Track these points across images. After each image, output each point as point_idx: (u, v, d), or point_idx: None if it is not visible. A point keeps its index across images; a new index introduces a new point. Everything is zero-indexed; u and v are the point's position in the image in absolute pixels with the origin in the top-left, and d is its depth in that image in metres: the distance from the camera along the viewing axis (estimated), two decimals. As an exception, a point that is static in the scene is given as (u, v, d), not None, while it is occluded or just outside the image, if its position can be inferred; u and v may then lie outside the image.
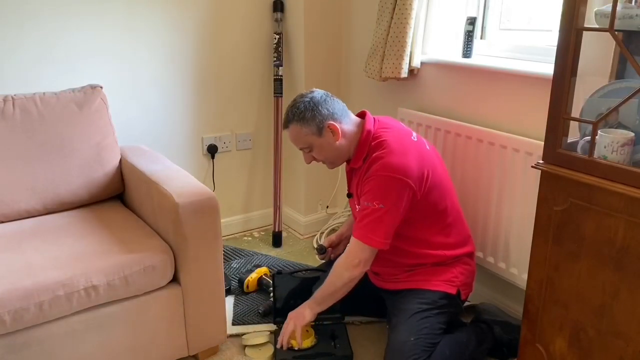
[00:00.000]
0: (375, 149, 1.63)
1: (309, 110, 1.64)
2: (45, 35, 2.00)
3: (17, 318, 1.37)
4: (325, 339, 1.81)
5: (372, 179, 1.58)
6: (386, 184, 1.56)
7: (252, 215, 2.76)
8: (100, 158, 1.93)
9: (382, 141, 1.63)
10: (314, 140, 1.67)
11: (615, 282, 1.24)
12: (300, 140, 1.68)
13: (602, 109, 1.30)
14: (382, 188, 1.56)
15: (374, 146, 1.64)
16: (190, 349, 1.72)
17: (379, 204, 1.56)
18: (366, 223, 1.58)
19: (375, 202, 1.56)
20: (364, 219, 1.59)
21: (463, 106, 2.02)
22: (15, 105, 1.82)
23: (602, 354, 1.31)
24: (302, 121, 1.65)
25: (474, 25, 2.01)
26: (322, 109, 1.64)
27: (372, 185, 1.58)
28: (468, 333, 1.74)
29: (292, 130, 1.67)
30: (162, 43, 2.27)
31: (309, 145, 1.68)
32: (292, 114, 1.66)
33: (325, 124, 1.64)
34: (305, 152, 1.72)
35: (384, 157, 1.58)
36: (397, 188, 1.56)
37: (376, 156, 1.60)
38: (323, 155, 1.71)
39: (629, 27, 1.21)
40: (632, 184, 1.18)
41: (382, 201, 1.56)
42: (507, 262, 1.87)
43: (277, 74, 2.49)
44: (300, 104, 1.66)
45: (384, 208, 1.56)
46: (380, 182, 1.57)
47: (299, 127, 1.65)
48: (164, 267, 1.59)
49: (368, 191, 1.58)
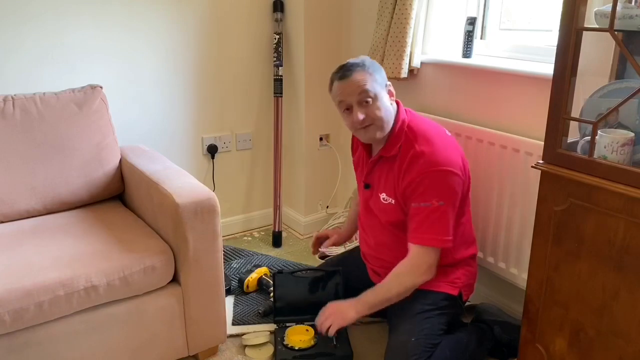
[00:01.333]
0: (413, 140, 1.58)
1: (372, 63, 1.58)
2: (46, 35, 2.00)
3: (17, 318, 1.37)
4: (325, 339, 1.81)
5: (428, 177, 1.52)
6: (440, 179, 1.52)
7: (252, 215, 2.76)
8: (100, 158, 1.93)
9: (419, 133, 1.58)
10: (380, 91, 1.56)
11: (615, 282, 1.24)
12: (367, 87, 1.54)
13: (602, 109, 1.30)
14: (436, 184, 1.52)
15: (410, 137, 1.59)
16: (190, 349, 1.72)
17: (438, 201, 1.51)
18: (430, 225, 1.53)
19: (434, 201, 1.51)
20: (425, 221, 1.53)
21: (463, 106, 2.02)
22: (15, 105, 1.82)
23: (602, 353, 1.31)
24: (373, 69, 1.57)
25: (474, 25, 2.01)
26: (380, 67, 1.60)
27: (426, 185, 1.52)
28: (468, 333, 1.74)
29: (358, 75, 1.54)
30: (162, 43, 2.27)
31: (375, 95, 1.55)
32: (360, 62, 1.57)
33: (385, 82, 1.60)
34: (361, 105, 1.56)
35: (429, 152, 1.53)
36: (454, 182, 1.53)
37: (419, 151, 1.55)
38: (380, 113, 1.56)
39: (629, 27, 1.21)
40: (632, 184, 1.18)
41: (440, 198, 1.51)
42: (507, 262, 1.87)
43: (277, 74, 2.49)
44: (365, 59, 1.60)
45: (443, 205, 1.52)
46: (433, 178, 1.52)
47: (369, 74, 1.55)
48: (164, 267, 1.59)
49: (423, 191, 1.53)
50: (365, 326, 1.97)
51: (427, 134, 1.59)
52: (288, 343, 1.77)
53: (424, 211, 1.54)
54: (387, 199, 1.66)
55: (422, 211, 1.54)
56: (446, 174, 1.52)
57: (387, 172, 1.64)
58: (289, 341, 1.77)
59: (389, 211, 1.66)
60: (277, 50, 2.47)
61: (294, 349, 1.75)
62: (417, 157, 1.55)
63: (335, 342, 1.79)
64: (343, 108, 1.61)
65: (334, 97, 1.63)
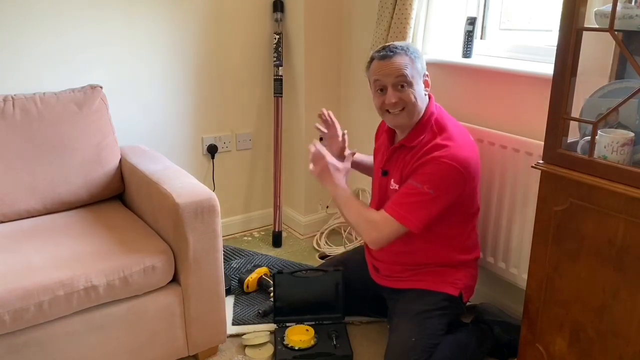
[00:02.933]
0: (437, 134, 1.58)
1: (414, 50, 1.59)
2: (46, 36, 2.00)
3: (17, 318, 1.37)
4: (325, 339, 1.81)
5: (433, 163, 1.52)
6: (446, 171, 1.51)
7: (252, 215, 2.76)
8: (100, 158, 1.93)
9: (445, 129, 1.59)
10: (417, 78, 1.58)
11: (615, 282, 1.24)
12: (406, 72, 1.55)
13: (602, 109, 1.30)
14: (439, 174, 1.51)
15: (435, 130, 1.59)
16: (190, 349, 1.72)
17: (430, 188, 1.51)
18: (407, 203, 1.53)
19: (426, 186, 1.51)
20: (405, 198, 1.54)
21: (463, 106, 2.02)
22: (15, 105, 1.82)
23: (602, 353, 1.31)
24: (415, 55, 1.58)
25: (474, 25, 2.01)
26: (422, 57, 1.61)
27: (430, 169, 1.52)
28: (468, 333, 1.74)
29: (399, 58, 1.56)
30: (162, 43, 2.27)
31: (411, 81, 1.56)
32: (405, 45, 1.59)
33: (424, 72, 1.61)
34: (396, 89, 1.57)
35: (452, 148, 1.53)
36: (454, 179, 1.52)
37: (441, 144, 1.54)
38: (413, 99, 1.57)
39: (628, 27, 1.21)
40: (632, 184, 1.18)
41: (433, 187, 1.51)
42: (507, 262, 1.87)
43: (277, 74, 2.49)
44: (409, 44, 1.62)
45: (433, 194, 1.51)
46: (441, 168, 1.51)
47: (410, 59, 1.57)
48: (164, 267, 1.59)
49: (422, 173, 1.53)
50: (365, 326, 1.97)
51: (454, 133, 1.59)
52: (288, 343, 1.77)
53: (411, 189, 1.53)
54: (394, 185, 1.66)
55: (410, 189, 1.54)
56: (453, 170, 1.51)
57: (405, 161, 1.64)
58: (289, 341, 1.78)
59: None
60: (277, 50, 2.47)
61: (294, 349, 1.75)
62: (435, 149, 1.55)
63: (335, 342, 1.79)
64: (377, 87, 1.62)
65: (370, 75, 1.64)
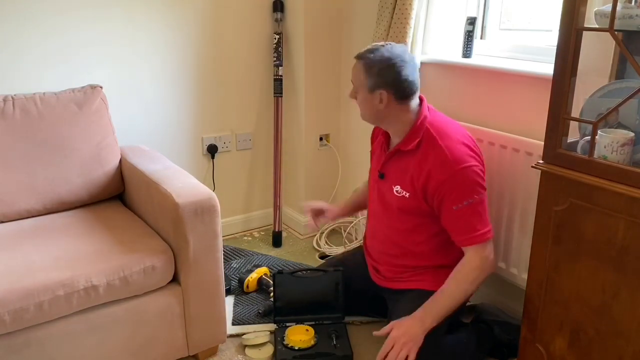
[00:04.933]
0: (433, 139, 1.58)
1: (379, 67, 1.56)
2: (46, 35, 2.00)
3: (17, 318, 1.37)
4: (325, 339, 1.81)
5: (456, 177, 1.52)
6: (463, 177, 1.52)
7: (252, 215, 2.76)
8: (100, 158, 1.93)
9: (440, 130, 1.59)
10: (363, 90, 1.60)
11: (615, 282, 1.24)
12: (355, 80, 1.63)
13: (602, 109, 1.30)
14: (462, 183, 1.52)
15: (429, 134, 1.59)
16: (190, 349, 1.72)
17: (472, 198, 1.52)
18: (471, 224, 1.54)
19: (469, 200, 1.52)
20: (467, 222, 1.54)
21: (463, 106, 2.02)
22: (15, 105, 1.82)
23: (602, 353, 1.31)
24: (369, 69, 1.57)
25: (474, 25, 2.01)
26: (390, 73, 1.56)
27: (451, 185, 1.53)
28: (468, 333, 1.74)
29: (357, 66, 1.61)
30: (162, 43, 2.27)
31: (357, 90, 1.63)
32: (369, 54, 1.58)
33: (380, 89, 1.57)
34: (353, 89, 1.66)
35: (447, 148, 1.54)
36: (473, 175, 1.53)
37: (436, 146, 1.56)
38: (361, 107, 1.65)
39: (628, 27, 1.21)
40: (632, 184, 1.18)
41: (473, 194, 1.52)
42: (507, 262, 1.87)
43: (277, 74, 2.49)
44: (382, 52, 1.57)
45: (478, 198, 1.53)
46: (458, 178, 1.52)
47: (363, 70, 1.58)
48: (164, 267, 1.59)
49: (450, 194, 1.53)
50: (365, 326, 1.97)
51: (449, 132, 1.59)
52: (288, 343, 1.77)
53: (462, 211, 1.53)
54: (401, 192, 1.65)
55: (461, 213, 1.54)
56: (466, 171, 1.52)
57: (404, 166, 1.64)
58: (289, 341, 1.78)
59: (402, 202, 1.66)
60: (277, 50, 2.47)
61: (294, 349, 1.75)
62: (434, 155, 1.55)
63: (335, 342, 1.79)
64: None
65: None
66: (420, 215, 1.64)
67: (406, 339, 1.51)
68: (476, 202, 1.53)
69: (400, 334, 1.52)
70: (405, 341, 1.50)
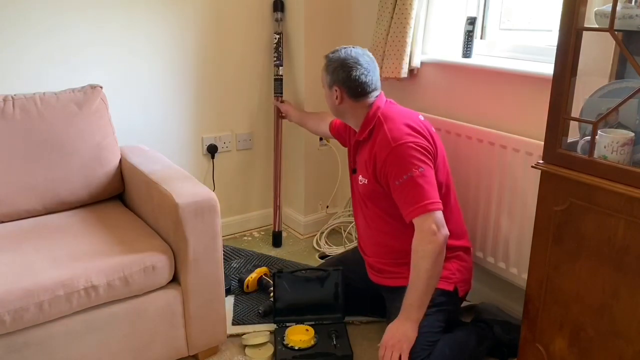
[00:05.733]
0: (381, 124, 1.67)
1: (334, 66, 1.72)
2: (46, 35, 2.00)
3: (17, 318, 1.37)
4: (325, 339, 1.81)
5: (393, 154, 1.60)
6: (399, 152, 1.59)
7: (252, 215, 2.76)
8: (100, 158, 1.93)
9: (387, 116, 1.68)
10: (325, 86, 1.79)
11: (615, 282, 1.24)
12: (321, 75, 1.81)
13: (602, 109, 1.30)
14: (399, 158, 1.59)
15: (379, 121, 1.69)
16: (190, 349, 1.72)
17: (407, 173, 1.57)
18: (412, 197, 1.57)
19: (408, 174, 1.57)
20: (407, 196, 1.58)
21: (463, 106, 2.02)
22: (15, 105, 1.82)
23: (602, 353, 1.31)
24: (327, 67, 1.76)
25: (474, 25, 2.01)
26: (342, 72, 1.70)
27: (391, 162, 1.60)
28: (468, 333, 1.74)
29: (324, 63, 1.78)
30: (162, 43, 2.27)
31: (323, 85, 1.81)
32: (330, 54, 1.77)
33: (334, 85, 1.73)
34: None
35: (389, 130, 1.63)
36: (409, 150, 1.59)
37: (381, 130, 1.65)
38: (326, 100, 1.82)
39: (629, 27, 1.21)
40: (632, 184, 1.18)
41: (408, 169, 1.57)
42: (507, 262, 1.87)
43: (277, 74, 2.49)
44: (340, 53, 1.74)
45: (419, 172, 1.57)
46: (396, 154, 1.59)
47: (323, 68, 1.77)
48: (164, 267, 1.59)
49: (391, 170, 1.60)
50: (365, 326, 1.97)
51: (393, 116, 1.69)
52: (288, 343, 1.77)
53: (403, 187, 1.59)
54: (362, 179, 1.74)
55: (402, 188, 1.59)
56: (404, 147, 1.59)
57: (362, 155, 1.76)
58: (289, 341, 1.78)
59: (364, 189, 1.75)
60: (277, 50, 2.47)
61: (294, 349, 1.75)
62: (379, 137, 1.65)
63: (335, 342, 1.79)
64: None
65: None
66: (382, 199, 1.70)
67: (394, 340, 1.54)
68: (415, 175, 1.57)
69: (388, 337, 1.56)
70: (393, 343, 1.54)
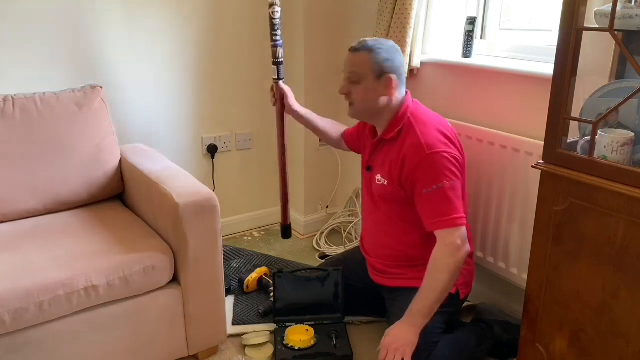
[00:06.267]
0: (411, 126, 1.61)
1: (391, 53, 1.61)
2: (46, 35, 2.00)
3: (17, 318, 1.37)
4: (325, 339, 1.81)
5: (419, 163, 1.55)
6: (433, 161, 1.54)
7: (252, 215, 2.76)
8: (100, 158, 1.93)
9: (418, 118, 1.62)
10: (368, 78, 1.61)
11: (615, 282, 1.24)
12: (358, 69, 1.61)
13: (602, 109, 1.30)
14: (432, 167, 1.54)
15: (409, 122, 1.62)
16: (190, 349, 1.73)
17: (438, 184, 1.53)
18: (440, 208, 1.54)
19: (435, 184, 1.53)
20: (435, 206, 1.55)
21: (463, 106, 2.02)
22: (15, 105, 1.82)
23: (602, 353, 1.31)
24: (377, 56, 1.59)
25: (474, 25, 2.01)
26: (397, 61, 1.62)
27: (422, 169, 1.55)
28: (468, 333, 1.74)
29: (359, 56, 1.61)
30: (162, 43, 2.27)
31: (360, 79, 1.61)
32: (372, 43, 1.61)
33: (389, 74, 1.61)
34: (348, 81, 1.65)
35: (422, 135, 1.57)
36: (443, 161, 1.54)
37: (412, 133, 1.59)
38: (361, 98, 1.63)
39: (628, 27, 1.21)
40: (632, 184, 1.18)
41: (439, 180, 1.53)
42: (507, 262, 1.87)
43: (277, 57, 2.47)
44: (386, 43, 1.63)
45: (448, 184, 1.53)
46: (429, 162, 1.54)
47: (369, 57, 1.59)
48: (164, 267, 1.59)
49: (420, 177, 1.55)
50: (365, 326, 1.97)
51: (425, 120, 1.63)
52: (288, 343, 1.77)
53: (430, 196, 1.54)
54: (381, 180, 1.69)
55: (428, 197, 1.55)
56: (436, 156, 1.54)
57: (385, 155, 1.68)
58: (289, 341, 1.78)
59: (382, 190, 1.69)
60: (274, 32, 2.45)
61: (294, 349, 1.75)
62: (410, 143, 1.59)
63: (335, 342, 1.79)
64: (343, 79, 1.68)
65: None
66: (399, 203, 1.67)
67: (397, 344, 1.51)
68: (446, 187, 1.54)
69: (391, 340, 1.52)
70: (397, 347, 1.50)
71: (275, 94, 1.96)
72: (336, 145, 2.08)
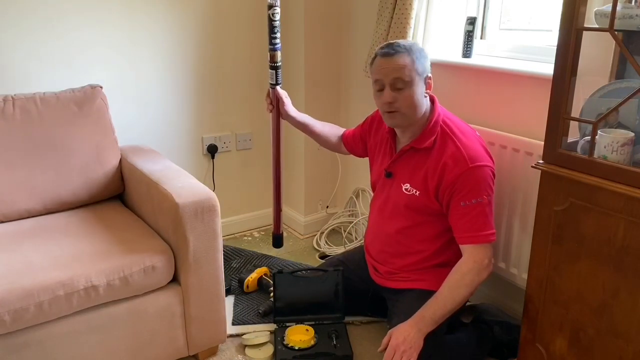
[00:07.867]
0: (448, 135, 1.59)
1: (423, 52, 1.58)
2: (45, 35, 2.00)
3: (17, 318, 1.37)
4: (325, 339, 1.81)
5: (461, 175, 1.52)
6: (476, 175, 1.53)
7: (252, 215, 2.76)
8: (100, 158, 1.93)
9: (454, 129, 1.60)
10: (417, 80, 1.55)
11: (615, 282, 1.24)
12: (403, 74, 1.53)
13: (602, 109, 1.30)
14: (480, 180, 1.53)
15: (444, 131, 1.60)
16: (190, 349, 1.72)
17: (477, 198, 1.52)
18: (476, 223, 1.53)
19: (478, 198, 1.52)
20: (472, 220, 1.54)
21: (463, 106, 2.02)
22: (15, 105, 1.82)
23: (602, 353, 1.31)
24: (418, 55, 1.55)
25: (474, 25, 2.01)
26: (428, 60, 1.59)
27: (463, 181, 1.53)
28: (468, 333, 1.74)
29: (400, 58, 1.53)
30: (162, 43, 2.27)
31: (409, 82, 1.54)
32: (408, 45, 1.56)
33: (429, 75, 1.59)
34: (392, 89, 1.55)
35: (464, 147, 1.55)
36: (486, 176, 1.54)
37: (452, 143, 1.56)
38: (409, 101, 1.55)
39: (629, 27, 1.21)
40: (632, 184, 1.18)
41: (484, 193, 1.53)
42: (507, 262, 1.87)
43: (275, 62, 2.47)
44: (410, 42, 1.60)
45: (488, 198, 1.53)
46: (472, 175, 1.52)
47: (412, 59, 1.54)
48: (164, 267, 1.59)
49: (460, 190, 1.53)
50: (365, 326, 1.97)
51: (463, 130, 1.60)
52: (288, 343, 1.77)
53: (469, 210, 1.53)
54: (410, 189, 1.64)
55: (466, 210, 1.54)
56: (478, 170, 1.53)
57: (416, 164, 1.63)
58: (289, 341, 1.78)
59: (411, 200, 1.65)
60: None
61: (294, 349, 1.75)
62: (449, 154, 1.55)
63: (335, 342, 1.79)
64: (377, 88, 1.60)
65: (372, 74, 1.62)
66: (427, 214, 1.64)
67: (405, 346, 1.50)
68: (484, 202, 1.53)
69: (399, 342, 1.51)
70: (404, 349, 1.50)
71: (272, 100, 1.87)
72: (335, 149, 2.06)
